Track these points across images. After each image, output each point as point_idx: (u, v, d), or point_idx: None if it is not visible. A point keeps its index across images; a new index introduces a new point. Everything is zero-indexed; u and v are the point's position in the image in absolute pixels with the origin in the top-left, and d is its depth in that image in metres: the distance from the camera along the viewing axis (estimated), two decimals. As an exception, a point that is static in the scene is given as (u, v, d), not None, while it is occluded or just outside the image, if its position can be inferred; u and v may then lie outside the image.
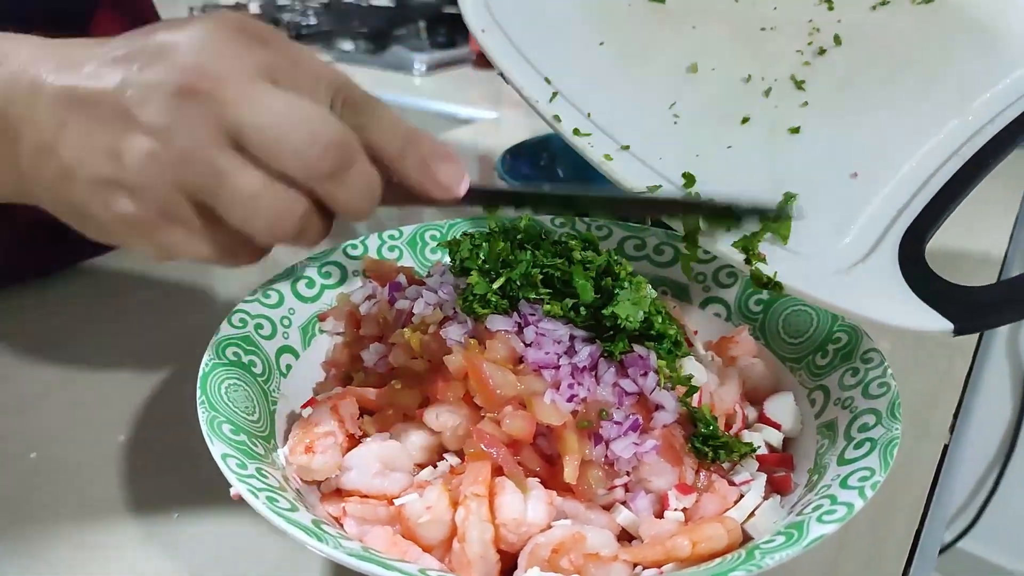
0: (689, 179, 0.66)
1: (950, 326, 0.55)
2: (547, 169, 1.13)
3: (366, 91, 0.46)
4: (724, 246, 0.62)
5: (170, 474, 0.70)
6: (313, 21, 2.60)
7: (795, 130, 0.68)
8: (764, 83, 0.71)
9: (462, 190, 0.50)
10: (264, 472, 0.53)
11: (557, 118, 0.69)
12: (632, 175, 0.67)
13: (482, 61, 2.11)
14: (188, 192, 0.39)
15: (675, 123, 0.70)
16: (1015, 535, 2.16)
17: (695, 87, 0.72)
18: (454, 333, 0.63)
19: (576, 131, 0.69)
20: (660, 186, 0.65)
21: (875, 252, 0.61)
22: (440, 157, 0.49)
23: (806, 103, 0.70)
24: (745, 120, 0.69)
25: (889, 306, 0.57)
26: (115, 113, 0.38)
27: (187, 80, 0.37)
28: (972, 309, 0.55)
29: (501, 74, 0.73)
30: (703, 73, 0.72)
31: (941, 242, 0.64)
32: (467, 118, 1.81)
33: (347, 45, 2.31)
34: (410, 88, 2.06)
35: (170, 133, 0.37)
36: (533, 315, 0.62)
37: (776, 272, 0.60)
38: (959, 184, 0.63)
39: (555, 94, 0.71)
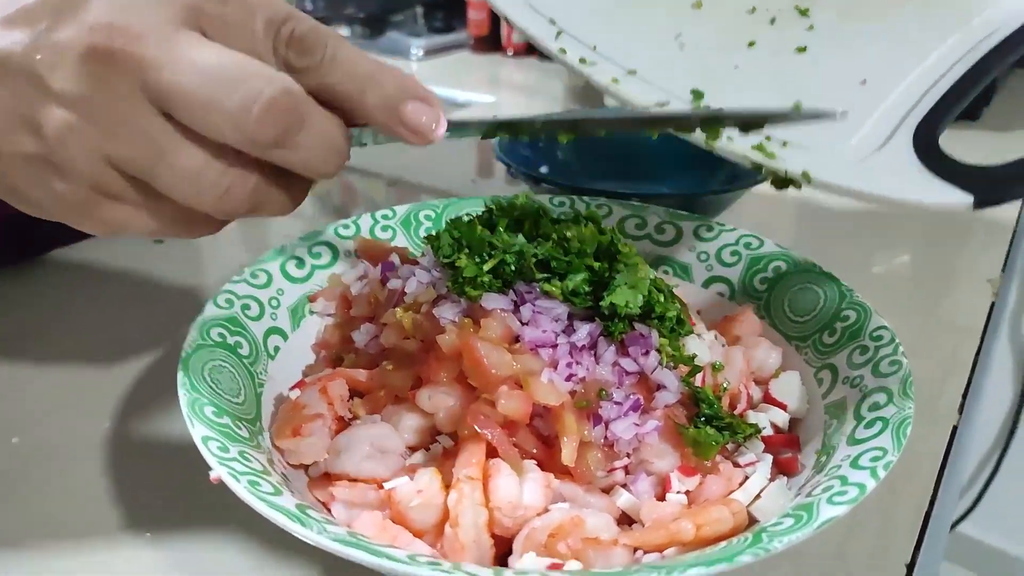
0: (697, 95, 0.65)
1: (970, 199, 0.54)
2: (546, 151, 1.11)
3: (316, 23, 0.39)
4: (741, 147, 0.61)
5: (156, 461, 0.68)
6: (309, 7, 2.56)
7: (801, 49, 0.70)
8: (768, 13, 0.73)
9: (438, 134, 0.43)
10: (247, 455, 0.50)
11: (563, 50, 0.68)
12: (640, 94, 0.66)
13: (479, 45, 2.08)
14: (120, 168, 0.34)
15: (681, 50, 0.71)
16: (1016, 518, 2.15)
17: (700, 20, 0.73)
18: (447, 312, 0.60)
19: (582, 60, 0.68)
20: (668, 102, 0.64)
21: (890, 142, 0.60)
22: (409, 96, 0.41)
23: (811, 27, 0.72)
24: (751, 44, 0.71)
25: (908, 185, 0.56)
26: (28, 80, 0.32)
27: (98, 39, 0.32)
28: (991, 183, 0.54)
29: (505, 18, 0.72)
30: (708, 7, 0.73)
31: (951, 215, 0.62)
32: (465, 102, 1.78)
33: (343, 31, 2.28)
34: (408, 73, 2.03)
35: (88, 103, 0.32)
36: (530, 293, 0.60)
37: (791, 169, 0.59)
38: (967, 83, 0.64)
39: (559, 32, 0.70)
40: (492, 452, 0.53)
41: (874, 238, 1.09)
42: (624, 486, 0.55)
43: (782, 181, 0.58)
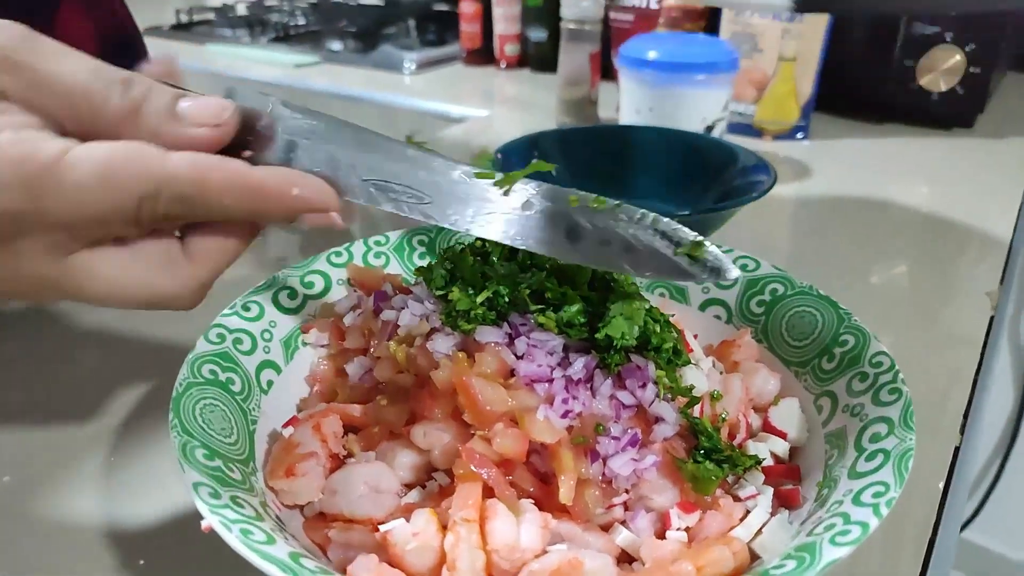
0: None
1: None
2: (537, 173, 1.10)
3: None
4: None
5: (148, 499, 0.67)
6: (301, 21, 2.56)
7: None
8: None
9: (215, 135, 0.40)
10: (240, 501, 0.49)
11: None
12: None
13: (472, 58, 2.08)
14: None
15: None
16: (1018, 525, 2.14)
17: None
18: (441, 345, 0.59)
19: None
20: None
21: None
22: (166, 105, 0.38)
23: None
24: None
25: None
26: None
27: None
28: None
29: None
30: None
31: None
32: (459, 116, 1.77)
33: (336, 45, 2.27)
34: (400, 87, 2.02)
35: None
36: (524, 325, 0.59)
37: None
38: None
39: None
40: (489, 491, 0.53)
41: (871, 252, 1.08)
42: (623, 523, 0.54)
43: None
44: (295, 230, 0.47)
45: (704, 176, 0.66)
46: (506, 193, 0.54)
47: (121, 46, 0.81)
